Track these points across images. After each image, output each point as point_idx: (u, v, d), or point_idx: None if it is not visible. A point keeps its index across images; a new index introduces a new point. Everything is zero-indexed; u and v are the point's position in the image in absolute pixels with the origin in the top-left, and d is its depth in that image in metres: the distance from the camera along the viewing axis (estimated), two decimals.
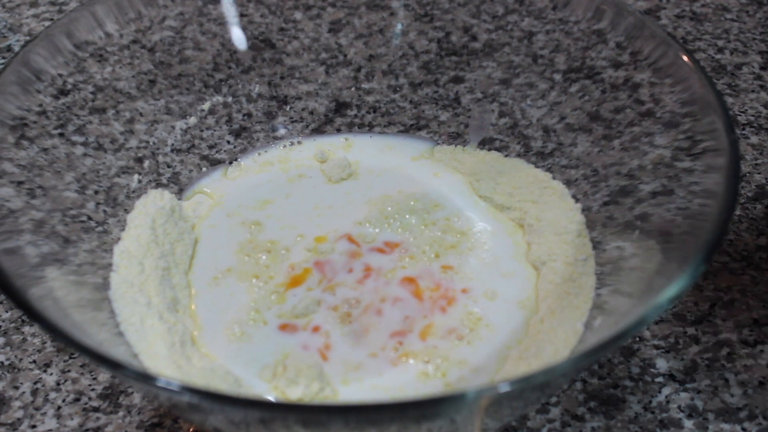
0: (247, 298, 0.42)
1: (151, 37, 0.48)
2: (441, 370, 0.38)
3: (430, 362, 0.38)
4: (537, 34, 0.48)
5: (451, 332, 0.40)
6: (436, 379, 0.38)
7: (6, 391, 0.42)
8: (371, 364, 0.39)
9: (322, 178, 0.48)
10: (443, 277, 0.42)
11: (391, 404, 0.30)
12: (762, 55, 0.61)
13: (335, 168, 0.48)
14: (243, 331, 0.40)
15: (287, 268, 0.43)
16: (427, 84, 0.51)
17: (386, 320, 0.40)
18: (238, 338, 0.40)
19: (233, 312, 0.41)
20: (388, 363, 0.39)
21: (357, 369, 0.38)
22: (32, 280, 0.35)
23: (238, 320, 0.40)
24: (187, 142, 0.48)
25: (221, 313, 0.41)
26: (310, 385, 0.37)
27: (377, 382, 0.38)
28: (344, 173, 0.48)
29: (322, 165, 0.49)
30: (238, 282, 0.42)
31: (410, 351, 0.39)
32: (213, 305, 0.41)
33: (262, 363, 0.39)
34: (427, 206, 0.46)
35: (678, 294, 0.32)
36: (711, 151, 0.37)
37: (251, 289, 0.42)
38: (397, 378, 0.38)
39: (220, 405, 0.30)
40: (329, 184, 0.47)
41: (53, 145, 0.42)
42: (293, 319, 0.40)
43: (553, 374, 0.30)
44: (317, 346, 0.39)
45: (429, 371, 0.38)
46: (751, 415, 0.40)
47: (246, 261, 0.43)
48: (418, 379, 0.38)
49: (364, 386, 0.38)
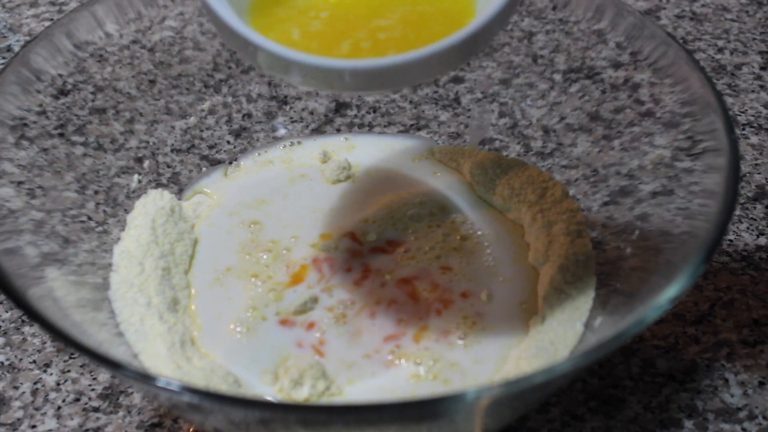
0: (245, 297, 0.42)
1: (151, 37, 0.48)
2: (433, 372, 0.38)
3: (422, 364, 0.38)
4: (537, 34, 0.48)
5: (448, 334, 0.40)
6: (432, 381, 0.38)
7: (6, 391, 0.42)
8: (365, 365, 0.39)
9: (322, 178, 0.48)
10: (443, 278, 0.42)
11: (391, 404, 0.30)
12: (762, 55, 0.61)
13: (335, 169, 0.48)
14: (243, 328, 0.40)
15: (286, 266, 0.43)
16: (427, 84, 0.51)
17: (380, 323, 0.40)
18: (238, 336, 0.40)
19: (232, 311, 0.41)
20: (381, 364, 0.39)
21: (350, 367, 0.38)
22: (32, 280, 0.35)
23: (237, 318, 0.41)
24: (187, 142, 0.48)
25: (221, 312, 0.41)
26: (315, 385, 0.37)
27: (373, 383, 0.38)
28: (342, 175, 0.48)
29: (322, 165, 0.49)
30: (238, 281, 0.42)
31: (405, 353, 0.39)
32: (213, 304, 0.41)
33: (262, 365, 0.39)
34: (428, 207, 0.46)
35: (678, 294, 0.32)
36: (711, 151, 0.37)
37: (250, 287, 0.42)
38: (391, 380, 0.38)
39: (220, 405, 0.30)
40: (329, 185, 0.47)
41: (53, 145, 0.42)
42: (291, 316, 0.41)
43: (553, 374, 0.30)
44: (311, 342, 0.39)
45: (421, 373, 0.38)
46: (751, 415, 0.40)
47: (247, 260, 0.43)
48: (415, 381, 0.38)
49: (367, 385, 0.38)
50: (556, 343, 0.38)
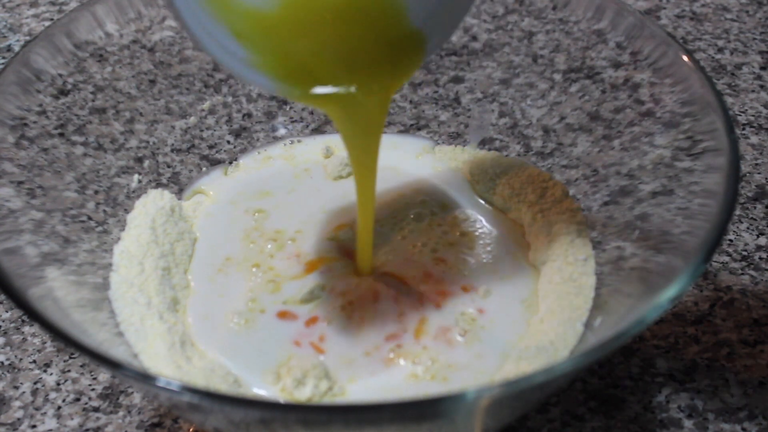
0: (245, 288, 0.42)
1: (151, 37, 0.48)
2: (432, 372, 0.38)
3: (422, 363, 0.38)
4: (537, 34, 0.49)
5: (448, 332, 0.40)
6: (431, 380, 0.38)
7: (6, 391, 0.42)
8: (366, 363, 0.39)
9: (324, 174, 0.48)
10: (443, 277, 0.42)
11: (391, 404, 0.30)
12: (762, 55, 0.61)
13: (338, 165, 0.48)
14: (241, 320, 0.40)
15: (289, 257, 0.43)
16: (427, 84, 0.51)
17: (380, 319, 0.40)
18: (235, 328, 0.40)
19: (231, 302, 0.41)
20: (381, 363, 0.39)
21: (351, 365, 0.38)
22: (32, 280, 0.35)
23: (236, 310, 0.41)
24: (187, 142, 0.48)
25: (219, 304, 0.41)
26: (318, 385, 0.37)
27: (373, 381, 0.38)
28: (345, 171, 0.48)
29: (325, 161, 0.49)
30: (238, 271, 0.42)
31: (405, 352, 0.39)
32: (211, 296, 0.42)
33: (263, 364, 0.39)
34: (429, 206, 0.46)
35: (678, 294, 0.32)
36: (711, 151, 0.37)
37: (251, 277, 0.42)
38: (391, 379, 0.38)
39: (220, 405, 0.30)
40: (331, 181, 0.48)
41: (53, 145, 0.42)
42: (295, 305, 0.41)
43: (553, 374, 0.30)
44: (311, 339, 0.40)
45: (419, 372, 0.38)
46: (751, 415, 0.40)
47: (251, 248, 0.44)
48: (414, 380, 0.38)
49: (369, 384, 0.38)
50: (556, 343, 0.38)
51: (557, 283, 0.41)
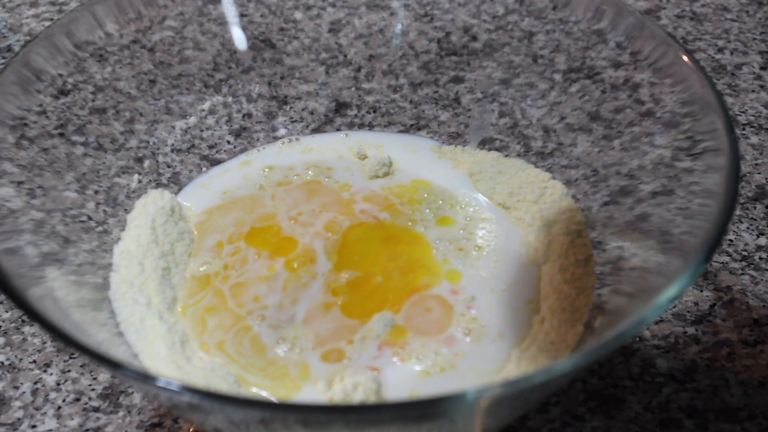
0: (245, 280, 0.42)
1: (151, 37, 0.48)
2: (432, 371, 0.38)
3: (423, 362, 0.38)
4: (537, 34, 0.49)
5: (448, 332, 0.40)
6: (431, 380, 0.38)
7: (6, 391, 0.42)
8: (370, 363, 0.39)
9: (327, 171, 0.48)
10: (439, 269, 0.42)
11: (391, 404, 0.30)
12: (762, 55, 0.61)
13: (375, 165, 0.48)
14: (241, 321, 0.40)
15: (285, 245, 0.43)
16: (427, 84, 0.51)
17: (380, 316, 0.40)
18: (235, 330, 0.40)
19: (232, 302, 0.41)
20: (383, 361, 0.39)
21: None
22: (32, 280, 0.35)
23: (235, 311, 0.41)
24: (187, 142, 0.48)
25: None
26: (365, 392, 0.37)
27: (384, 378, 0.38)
28: (381, 171, 0.48)
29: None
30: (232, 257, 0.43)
31: (406, 351, 0.39)
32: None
33: (262, 363, 0.39)
34: (429, 204, 0.46)
35: (678, 294, 0.32)
36: (711, 151, 0.37)
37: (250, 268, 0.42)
38: (390, 378, 0.38)
39: (220, 405, 0.30)
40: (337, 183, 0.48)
41: (53, 145, 0.42)
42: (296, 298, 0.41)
43: (553, 374, 0.30)
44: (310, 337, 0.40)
45: (421, 372, 0.38)
46: (751, 415, 0.40)
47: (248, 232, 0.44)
48: (413, 380, 0.38)
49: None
50: (556, 343, 0.38)
51: (558, 283, 0.41)
